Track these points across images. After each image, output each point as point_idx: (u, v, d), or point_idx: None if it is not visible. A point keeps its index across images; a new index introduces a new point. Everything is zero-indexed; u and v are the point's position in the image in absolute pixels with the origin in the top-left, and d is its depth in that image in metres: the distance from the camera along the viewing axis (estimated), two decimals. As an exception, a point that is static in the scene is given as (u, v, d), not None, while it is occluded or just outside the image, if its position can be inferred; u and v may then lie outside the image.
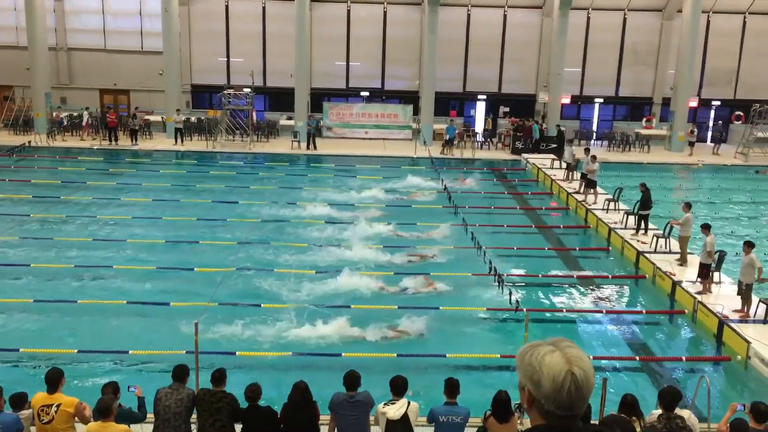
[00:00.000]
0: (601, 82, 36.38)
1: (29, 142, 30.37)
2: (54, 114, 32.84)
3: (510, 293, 13.99)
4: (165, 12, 31.35)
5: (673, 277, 15.22)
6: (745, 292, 13.19)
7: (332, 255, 16.82)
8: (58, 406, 7.18)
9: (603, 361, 11.79)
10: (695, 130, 33.39)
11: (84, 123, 32.29)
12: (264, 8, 35.50)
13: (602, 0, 35.12)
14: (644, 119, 36.18)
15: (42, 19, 32.24)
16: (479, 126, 35.86)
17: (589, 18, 35.74)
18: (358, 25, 35.67)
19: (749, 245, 13.25)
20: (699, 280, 14.50)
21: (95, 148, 30.10)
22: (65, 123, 32.56)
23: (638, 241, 17.88)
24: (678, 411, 7.24)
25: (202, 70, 35.97)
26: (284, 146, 31.45)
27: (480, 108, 36.79)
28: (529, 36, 35.83)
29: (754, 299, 13.35)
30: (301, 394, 7.61)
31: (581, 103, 36.64)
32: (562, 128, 32.48)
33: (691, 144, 32.48)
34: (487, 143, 33.47)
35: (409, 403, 7.50)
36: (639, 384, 11.06)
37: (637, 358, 12.20)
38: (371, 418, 7.94)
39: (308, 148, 30.67)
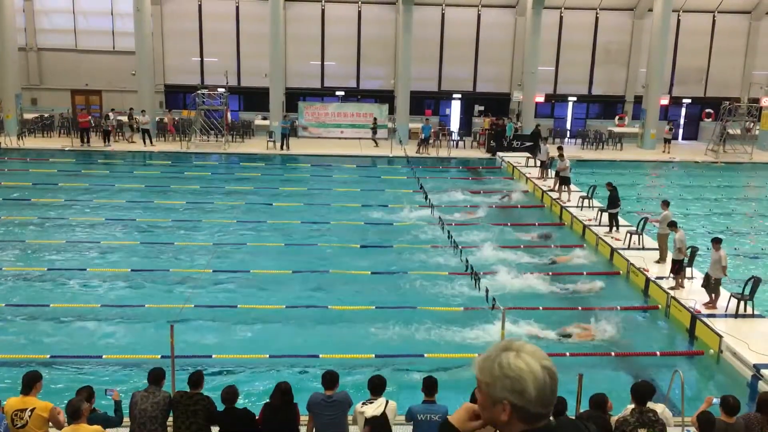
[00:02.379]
0: (574, 80, 36.73)
1: (-1, 143, 29.88)
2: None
3: (486, 291, 14.06)
4: (137, 11, 31.00)
5: (646, 273, 15.43)
6: (714, 286, 13.43)
7: (312, 254, 16.81)
8: (32, 410, 7.08)
9: (579, 358, 11.90)
10: (672, 127, 33.81)
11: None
12: (237, 8, 35.29)
13: (574, -1, 35.53)
14: (617, 117, 36.60)
15: (11, 18, 31.63)
16: (456, 124, 35.98)
17: (561, 17, 36.04)
18: (332, 25, 35.60)
19: (718, 242, 13.49)
20: (671, 275, 14.72)
21: (66, 149, 29.67)
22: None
23: (612, 237, 18.08)
24: (651, 405, 7.32)
25: (176, 70, 35.66)
26: (259, 146, 31.29)
27: (455, 107, 36.97)
28: (503, 35, 36.04)
29: (725, 293, 13.58)
30: (281, 395, 7.58)
31: (555, 101, 36.96)
32: (539, 126, 32.71)
33: (667, 141, 32.89)
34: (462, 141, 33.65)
35: (387, 402, 7.52)
36: (614, 379, 11.17)
37: (612, 353, 12.33)
38: (349, 417, 7.95)
39: (282, 148, 30.57)
